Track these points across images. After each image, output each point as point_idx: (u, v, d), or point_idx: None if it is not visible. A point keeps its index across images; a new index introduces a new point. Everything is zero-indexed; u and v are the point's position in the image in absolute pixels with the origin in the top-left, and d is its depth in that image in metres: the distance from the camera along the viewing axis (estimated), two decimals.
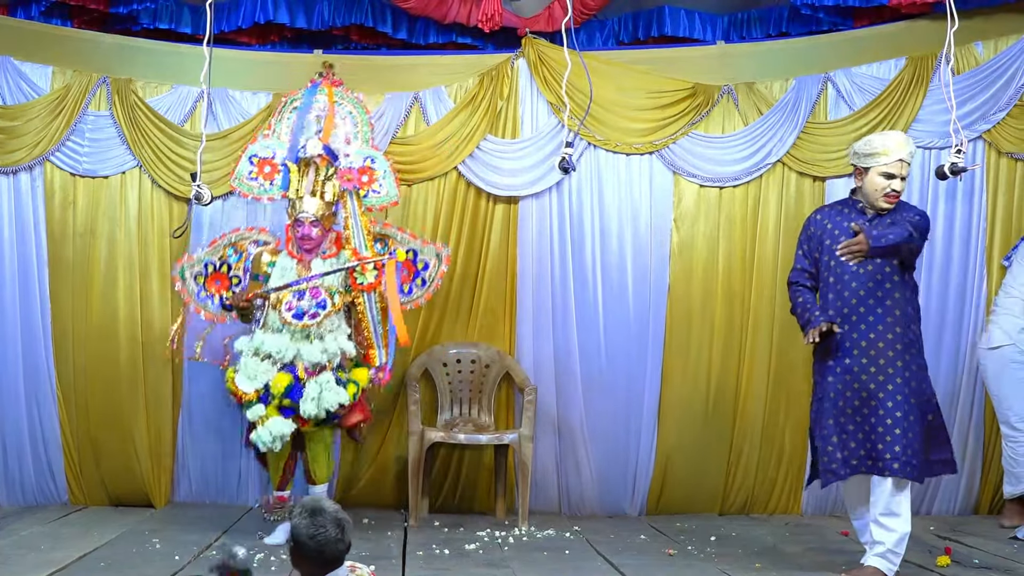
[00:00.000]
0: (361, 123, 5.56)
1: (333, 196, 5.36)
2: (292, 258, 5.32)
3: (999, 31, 6.10)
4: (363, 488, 6.18)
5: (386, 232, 5.62)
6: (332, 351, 5.16)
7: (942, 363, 6.13)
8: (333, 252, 5.35)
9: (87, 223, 6.07)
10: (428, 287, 5.65)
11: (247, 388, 5.06)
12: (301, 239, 5.29)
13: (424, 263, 5.62)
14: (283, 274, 5.26)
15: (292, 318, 5.13)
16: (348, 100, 5.58)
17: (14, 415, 6.01)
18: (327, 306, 5.18)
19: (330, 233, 5.39)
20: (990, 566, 4.85)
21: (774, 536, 5.56)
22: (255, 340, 5.17)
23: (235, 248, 5.53)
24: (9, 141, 5.98)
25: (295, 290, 5.18)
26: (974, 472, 6.19)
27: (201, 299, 5.54)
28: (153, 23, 6.31)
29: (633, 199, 6.22)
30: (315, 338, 5.15)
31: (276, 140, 5.50)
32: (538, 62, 6.15)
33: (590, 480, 6.20)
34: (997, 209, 6.17)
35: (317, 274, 5.22)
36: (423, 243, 5.65)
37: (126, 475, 6.08)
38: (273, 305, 5.20)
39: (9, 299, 6.00)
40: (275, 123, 5.57)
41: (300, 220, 5.28)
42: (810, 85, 6.18)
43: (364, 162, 5.46)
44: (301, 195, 5.32)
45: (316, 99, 5.53)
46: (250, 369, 5.08)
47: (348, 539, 2.98)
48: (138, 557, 4.81)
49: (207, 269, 5.52)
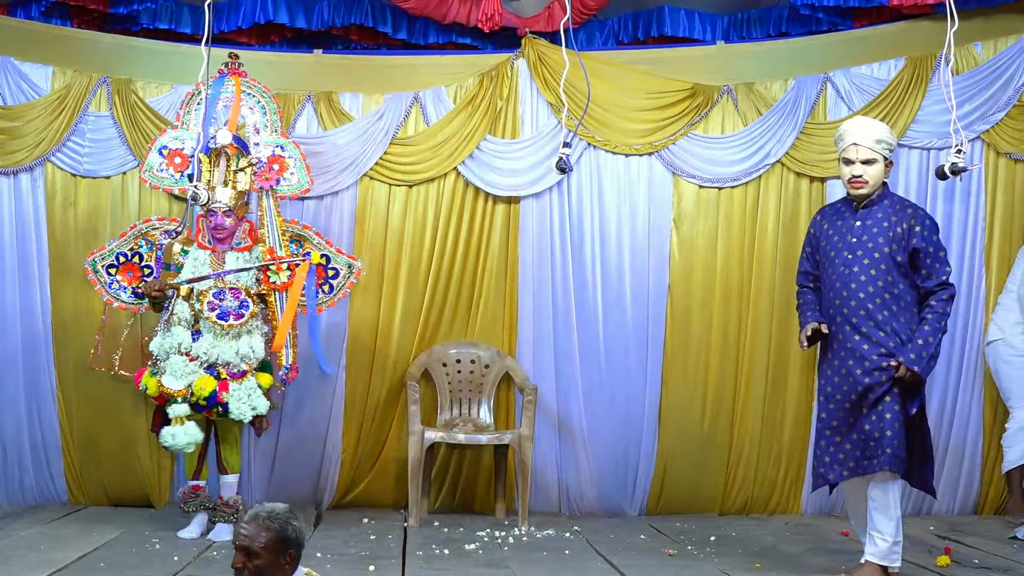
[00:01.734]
0: (270, 112, 5.60)
1: (245, 186, 5.38)
2: (204, 249, 5.33)
3: (998, 31, 6.11)
4: (363, 488, 6.18)
5: (303, 234, 5.64)
6: (244, 352, 5.21)
7: (940, 363, 6.10)
8: (248, 245, 5.38)
9: (88, 223, 6.07)
10: (334, 295, 5.68)
11: (176, 386, 5.10)
12: (214, 229, 5.29)
13: (335, 271, 5.66)
14: (196, 265, 5.28)
15: (217, 318, 5.17)
16: (256, 90, 5.61)
17: (14, 415, 6.01)
18: (249, 306, 5.23)
19: (243, 223, 5.40)
20: (990, 566, 4.85)
21: (774, 536, 5.57)
22: (175, 337, 5.19)
23: (146, 239, 5.56)
24: (10, 142, 5.98)
25: (213, 285, 5.21)
26: (974, 472, 6.19)
27: (113, 290, 5.56)
28: (153, 23, 6.31)
29: (633, 199, 6.22)
30: (233, 338, 5.21)
31: (185, 131, 5.53)
32: (538, 62, 6.15)
33: (590, 480, 6.20)
34: (996, 209, 6.17)
35: (232, 269, 5.26)
36: (337, 251, 5.68)
37: (126, 475, 6.08)
38: (184, 297, 5.21)
39: (10, 299, 6.00)
40: (183, 115, 5.60)
41: (213, 210, 5.27)
42: (809, 85, 6.18)
43: (274, 151, 5.53)
44: (213, 185, 5.31)
45: (223, 90, 5.55)
46: (177, 368, 5.13)
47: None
48: (138, 557, 4.81)
49: (119, 260, 5.55)
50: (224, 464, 5.40)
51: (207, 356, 5.17)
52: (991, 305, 6.15)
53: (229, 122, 5.45)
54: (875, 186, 4.53)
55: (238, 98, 5.53)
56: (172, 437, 5.10)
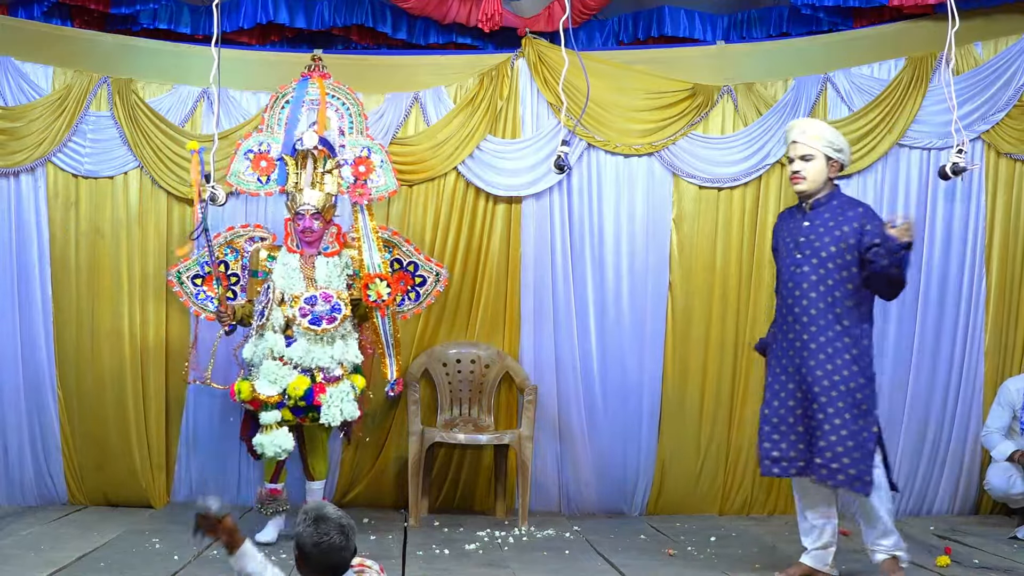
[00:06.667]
0: (355, 114, 5.51)
1: (333, 188, 5.33)
2: (293, 253, 5.29)
3: (999, 31, 6.10)
4: (363, 488, 6.18)
5: (393, 240, 5.63)
6: (340, 357, 5.17)
7: (940, 363, 6.14)
8: (336, 250, 5.34)
9: (89, 224, 6.07)
10: (420, 303, 5.69)
11: (270, 392, 5.04)
12: (302, 232, 5.24)
13: (422, 279, 5.66)
14: (286, 271, 5.23)
15: (309, 324, 5.11)
16: (340, 92, 5.52)
17: (15, 415, 6.02)
18: (341, 309, 5.16)
19: (331, 227, 5.36)
20: (990, 566, 4.85)
21: (774, 536, 5.56)
22: (267, 342, 5.15)
23: (231, 246, 5.52)
24: (11, 142, 5.98)
25: (304, 291, 5.16)
26: (973, 472, 6.19)
27: (200, 301, 5.55)
28: (152, 23, 6.31)
29: (632, 200, 6.22)
30: (327, 343, 5.16)
31: (270, 135, 5.44)
32: (538, 62, 6.15)
33: (590, 480, 6.20)
34: (996, 209, 6.17)
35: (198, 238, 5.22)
36: (425, 259, 5.68)
37: (126, 475, 6.08)
38: (278, 303, 5.18)
39: (11, 300, 6.00)
40: (268, 118, 5.50)
41: (300, 213, 5.23)
42: (809, 85, 6.18)
43: (361, 152, 5.44)
44: (300, 188, 5.27)
45: (308, 92, 5.47)
46: (272, 373, 5.07)
47: (353, 545, 2.97)
48: (138, 557, 4.81)
49: (204, 270, 5.51)
50: (311, 471, 5.36)
51: (302, 361, 5.11)
52: (991, 305, 6.15)
53: (317, 124, 5.37)
54: (815, 183, 4.53)
55: (323, 100, 5.44)
56: (262, 446, 5.05)
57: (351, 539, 2.95)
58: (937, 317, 6.14)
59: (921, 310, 6.14)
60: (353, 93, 5.53)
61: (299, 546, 2.94)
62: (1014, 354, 6.17)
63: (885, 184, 6.18)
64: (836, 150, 4.53)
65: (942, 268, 6.15)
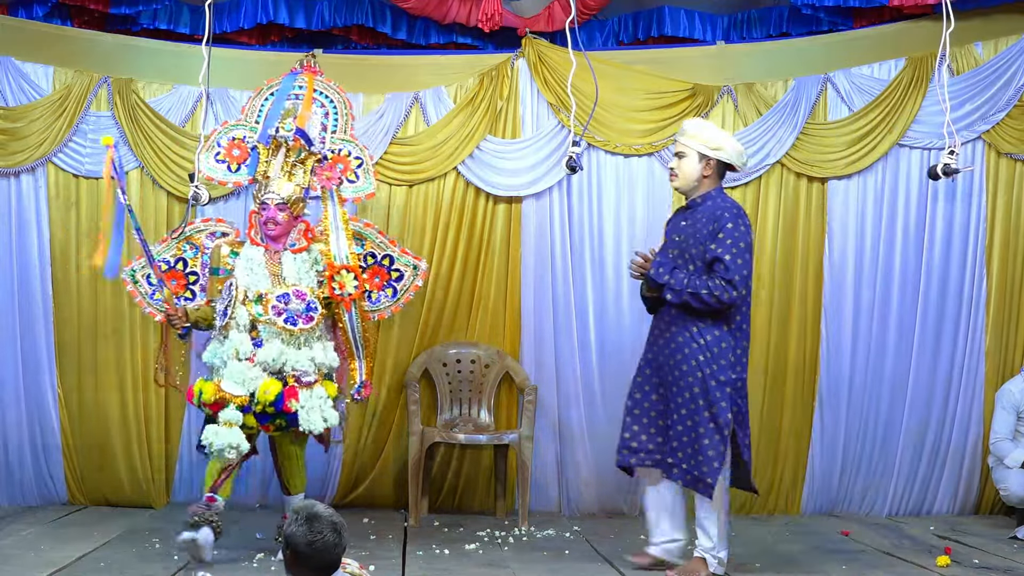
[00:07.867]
0: (341, 114, 5.20)
1: (303, 181, 4.97)
2: (257, 247, 4.88)
3: (999, 31, 6.10)
4: (363, 488, 6.18)
5: (364, 232, 5.26)
6: (320, 360, 4.81)
7: (941, 363, 6.15)
8: (303, 246, 4.92)
9: (90, 224, 6.07)
10: (398, 299, 5.26)
11: (237, 391, 4.62)
12: (265, 223, 4.84)
13: (399, 273, 5.24)
14: (250, 266, 4.82)
15: (285, 323, 4.74)
16: (329, 89, 5.24)
17: (15, 415, 6.02)
18: (317, 308, 4.81)
19: (298, 223, 4.96)
20: (990, 566, 4.85)
21: (774, 536, 5.56)
22: (232, 343, 4.73)
23: (191, 242, 5.13)
24: (11, 142, 5.98)
25: (271, 287, 4.77)
26: (974, 472, 6.19)
27: (156, 301, 5.13)
28: (152, 23, 6.31)
29: (633, 200, 6.22)
30: (303, 345, 4.80)
31: (247, 125, 5.15)
32: (538, 62, 6.15)
33: (590, 480, 6.20)
34: (997, 209, 6.17)
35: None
36: (401, 251, 5.29)
37: (126, 475, 6.08)
38: (241, 301, 4.78)
39: (11, 300, 6.00)
40: (248, 108, 5.24)
41: (265, 203, 4.84)
42: (810, 86, 6.18)
43: (340, 150, 5.12)
44: (268, 176, 4.93)
45: (294, 86, 5.24)
46: (239, 374, 4.64)
47: (345, 543, 2.96)
48: (138, 557, 4.81)
49: (161, 268, 5.04)
50: (288, 485, 4.96)
51: (274, 363, 4.70)
52: (991, 306, 6.15)
53: (299, 116, 5.02)
54: (686, 180, 4.63)
55: (309, 94, 5.13)
56: (215, 435, 4.55)
57: (343, 537, 2.95)
58: (937, 317, 6.14)
59: (921, 310, 6.14)
60: (343, 93, 5.30)
61: (292, 546, 2.92)
62: (1014, 354, 6.18)
63: (885, 184, 6.19)
64: (713, 148, 4.59)
65: (942, 268, 6.15)
